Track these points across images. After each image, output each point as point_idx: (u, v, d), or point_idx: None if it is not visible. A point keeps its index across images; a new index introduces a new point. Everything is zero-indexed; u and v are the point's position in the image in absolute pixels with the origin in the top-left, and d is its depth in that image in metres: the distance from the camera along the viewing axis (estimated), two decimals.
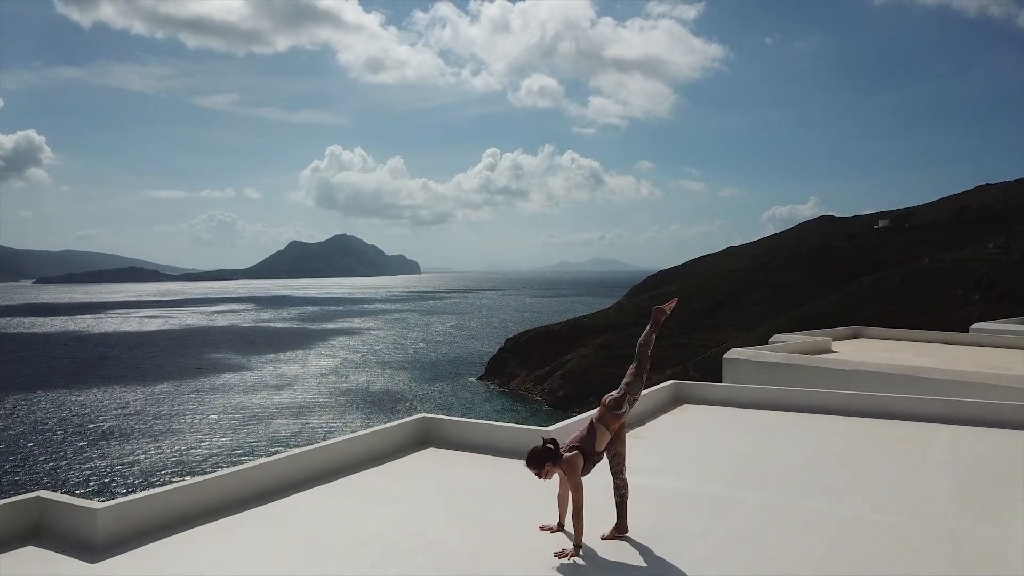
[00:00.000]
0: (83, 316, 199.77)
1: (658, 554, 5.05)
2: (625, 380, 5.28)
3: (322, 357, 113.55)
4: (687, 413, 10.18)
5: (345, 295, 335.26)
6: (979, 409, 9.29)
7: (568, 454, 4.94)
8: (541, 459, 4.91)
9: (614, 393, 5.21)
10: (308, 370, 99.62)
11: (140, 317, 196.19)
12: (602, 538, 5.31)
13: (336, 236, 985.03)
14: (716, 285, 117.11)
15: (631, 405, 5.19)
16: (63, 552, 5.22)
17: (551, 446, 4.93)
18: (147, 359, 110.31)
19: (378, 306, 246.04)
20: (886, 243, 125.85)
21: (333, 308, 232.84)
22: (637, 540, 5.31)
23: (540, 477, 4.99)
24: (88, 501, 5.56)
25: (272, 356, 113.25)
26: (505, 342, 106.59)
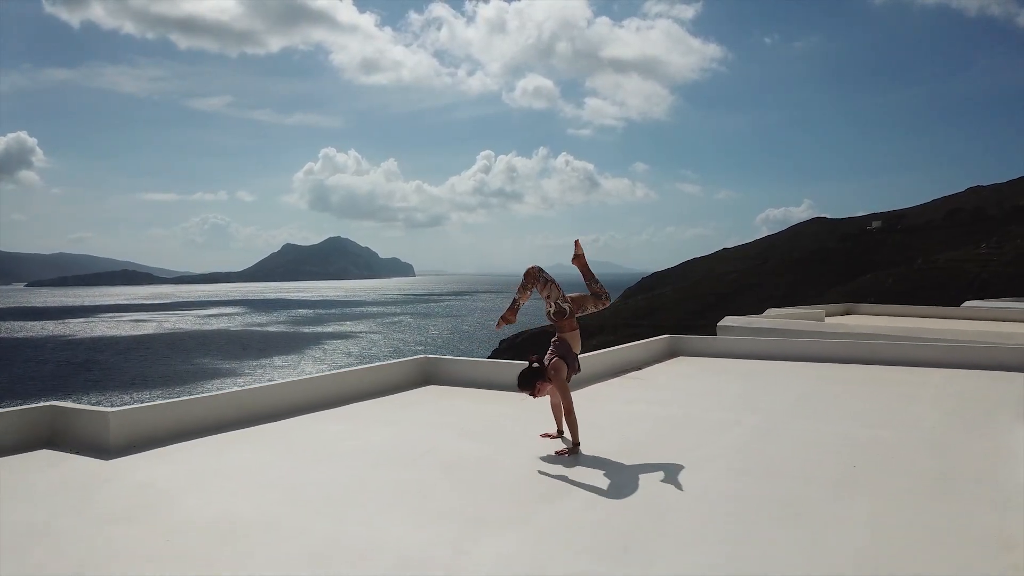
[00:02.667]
0: (74, 319, 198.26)
1: (656, 459, 5.20)
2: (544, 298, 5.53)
3: (315, 361, 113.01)
4: (682, 363, 10.28)
5: (339, 298, 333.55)
6: (971, 353, 9.39)
7: (552, 361, 5.38)
8: (531, 378, 5.27)
9: (550, 309, 5.52)
10: (301, 374, 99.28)
11: (132, 320, 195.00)
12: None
13: (330, 239, 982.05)
14: (709, 287, 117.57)
15: (565, 302, 5.50)
16: (77, 453, 5.34)
17: (536, 365, 5.33)
18: (137, 363, 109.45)
19: (372, 309, 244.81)
20: (879, 244, 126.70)
21: (327, 311, 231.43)
22: (636, 449, 5.50)
23: (534, 396, 5.32)
24: (100, 407, 5.67)
25: (265, 360, 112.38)
26: (500, 344, 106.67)
